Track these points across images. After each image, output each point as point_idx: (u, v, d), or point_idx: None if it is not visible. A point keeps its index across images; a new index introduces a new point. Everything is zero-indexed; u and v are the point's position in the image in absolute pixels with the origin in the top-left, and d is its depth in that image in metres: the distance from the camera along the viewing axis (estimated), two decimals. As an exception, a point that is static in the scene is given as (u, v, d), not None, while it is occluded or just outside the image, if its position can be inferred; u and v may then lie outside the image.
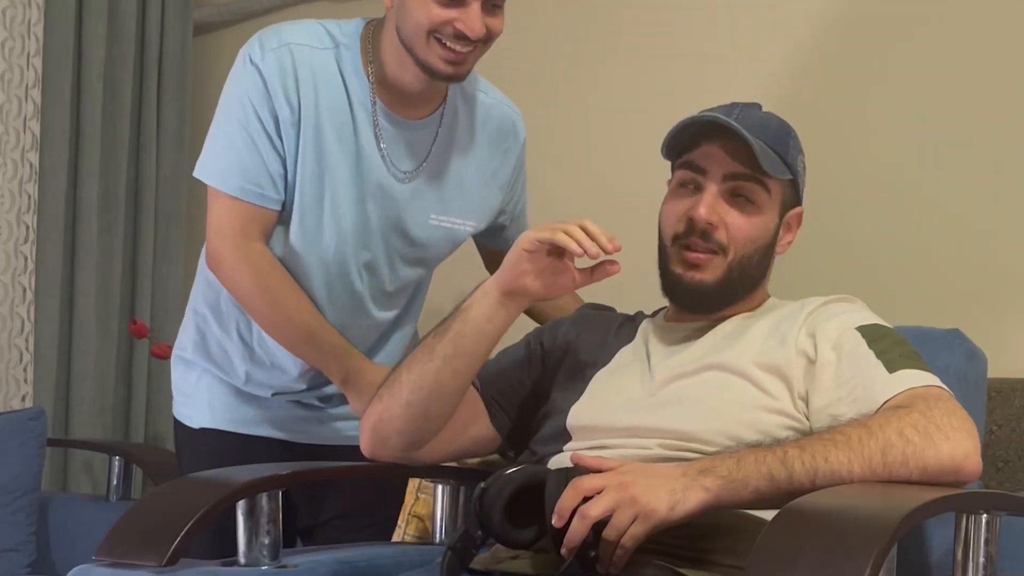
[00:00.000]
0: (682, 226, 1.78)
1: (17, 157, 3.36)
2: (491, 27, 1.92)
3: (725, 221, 1.76)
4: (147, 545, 1.53)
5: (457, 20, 1.88)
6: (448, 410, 1.82)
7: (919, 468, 1.47)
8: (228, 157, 2.00)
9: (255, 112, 1.98)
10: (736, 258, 1.77)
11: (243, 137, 1.98)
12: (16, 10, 3.36)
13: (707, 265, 1.77)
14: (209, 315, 2.17)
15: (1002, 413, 2.23)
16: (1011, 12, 2.41)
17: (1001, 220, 2.40)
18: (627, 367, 1.82)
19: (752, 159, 1.74)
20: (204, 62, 3.87)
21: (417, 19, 1.90)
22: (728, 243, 1.76)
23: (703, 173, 1.77)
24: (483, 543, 1.58)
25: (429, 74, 1.94)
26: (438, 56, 1.91)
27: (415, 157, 2.06)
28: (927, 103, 2.50)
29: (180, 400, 2.26)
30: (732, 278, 1.78)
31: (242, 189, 2.00)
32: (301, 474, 1.72)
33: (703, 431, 1.65)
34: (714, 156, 1.77)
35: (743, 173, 1.76)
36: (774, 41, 2.69)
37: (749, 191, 1.77)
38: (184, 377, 2.24)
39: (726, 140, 1.76)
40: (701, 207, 1.75)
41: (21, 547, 2.94)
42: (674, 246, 1.79)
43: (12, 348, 3.36)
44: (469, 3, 1.88)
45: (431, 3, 1.89)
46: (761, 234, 1.79)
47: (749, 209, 1.77)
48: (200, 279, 2.20)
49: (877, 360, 1.62)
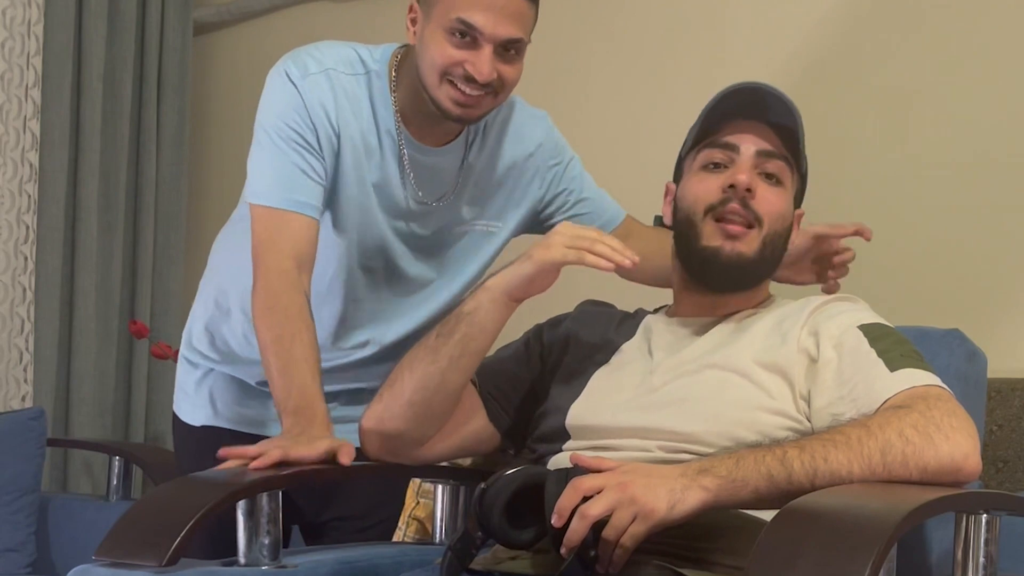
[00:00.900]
0: (717, 196, 1.76)
1: (17, 157, 3.37)
2: (503, 74, 1.91)
3: (758, 193, 1.76)
4: (147, 545, 1.53)
5: (468, 62, 1.88)
6: (450, 407, 1.83)
7: (919, 468, 1.47)
8: (275, 173, 1.97)
9: (297, 130, 1.96)
10: (770, 233, 1.77)
11: (287, 152, 1.96)
12: (16, 10, 3.36)
13: (745, 237, 1.76)
14: (234, 310, 2.14)
15: (1002, 413, 2.23)
16: (1013, 11, 2.41)
17: (1001, 221, 2.40)
18: (628, 365, 1.82)
19: (779, 141, 1.77)
20: (204, 62, 3.88)
21: (432, 58, 1.91)
22: (763, 215, 1.76)
23: (734, 150, 1.78)
24: (483, 543, 1.58)
25: (440, 113, 1.95)
26: (448, 96, 1.92)
27: (441, 186, 2.06)
28: (928, 103, 2.51)
29: (181, 397, 2.26)
30: (764, 256, 1.77)
31: (288, 200, 1.96)
32: (301, 474, 1.72)
33: (702, 432, 1.65)
34: (744, 135, 1.78)
35: (774, 151, 1.78)
36: (774, 40, 2.70)
37: (778, 168, 1.78)
38: (189, 375, 2.24)
39: (755, 123, 1.78)
40: (740, 174, 1.75)
41: (21, 547, 2.94)
42: (708, 218, 1.77)
43: (12, 348, 3.36)
44: (482, 46, 1.87)
45: (446, 43, 1.89)
46: (787, 213, 1.80)
47: (777, 188, 1.78)
48: (224, 277, 2.17)
49: (878, 359, 1.62)
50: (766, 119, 1.77)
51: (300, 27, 3.62)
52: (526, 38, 1.91)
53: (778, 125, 1.78)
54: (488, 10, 1.85)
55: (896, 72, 2.54)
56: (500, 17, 1.86)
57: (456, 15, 1.86)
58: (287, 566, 1.69)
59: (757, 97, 1.78)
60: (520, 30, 1.89)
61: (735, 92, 1.80)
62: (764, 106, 1.78)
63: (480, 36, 1.87)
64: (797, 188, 1.83)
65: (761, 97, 1.78)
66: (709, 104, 1.81)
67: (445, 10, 1.88)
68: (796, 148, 1.80)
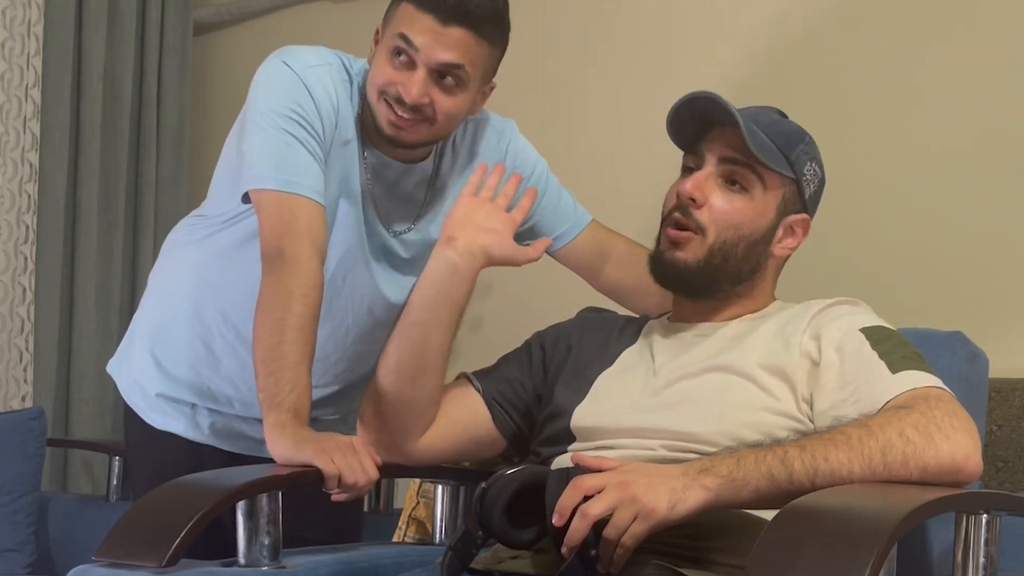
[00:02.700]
0: (673, 202, 1.80)
1: (17, 157, 3.37)
2: (438, 102, 1.89)
3: (709, 201, 1.77)
4: (147, 546, 1.53)
5: (401, 83, 1.88)
6: (438, 371, 1.83)
7: (919, 468, 1.47)
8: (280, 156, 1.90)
9: (303, 115, 1.92)
10: (717, 242, 1.77)
11: (295, 134, 1.91)
12: (16, 10, 3.36)
13: (686, 244, 1.78)
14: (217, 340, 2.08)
15: (1002, 413, 2.23)
16: (1015, 11, 2.41)
17: (1002, 223, 2.40)
18: (631, 369, 1.82)
19: (748, 148, 1.75)
20: (204, 62, 3.88)
21: (373, 75, 1.92)
22: (708, 224, 1.77)
23: (702, 157, 1.80)
24: (484, 543, 1.58)
25: (376, 130, 1.94)
26: (384, 116, 1.91)
27: (408, 212, 2.05)
28: (929, 104, 2.50)
29: (151, 407, 2.16)
30: (714, 263, 1.78)
31: (288, 182, 1.89)
32: (301, 474, 1.72)
33: (706, 432, 1.65)
34: (713, 142, 1.79)
35: (736, 158, 1.77)
36: (774, 40, 2.70)
37: (741, 176, 1.78)
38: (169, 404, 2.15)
39: (728, 129, 1.77)
40: (688, 183, 1.78)
41: (21, 547, 2.94)
42: (665, 223, 1.81)
43: (12, 348, 3.36)
44: (417, 67, 1.87)
45: (386, 63, 1.90)
46: (746, 222, 1.78)
47: (738, 195, 1.78)
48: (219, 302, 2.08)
49: (880, 360, 1.62)
50: (741, 128, 1.75)
51: (300, 27, 3.62)
52: (468, 68, 1.88)
53: (743, 126, 1.74)
54: (428, 32, 1.86)
55: (897, 72, 2.54)
56: (439, 41, 1.86)
57: (399, 30, 1.87)
58: (287, 566, 1.69)
59: (730, 107, 1.76)
60: (459, 57, 1.87)
61: (697, 94, 1.79)
62: (724, 103, 1.76)
63: (416, 55, 1.86)
64: (784, 194, 1.80)
65: (743, 114, 1.77)
66: (682, 99, 1.79)
67: (393, 28, 1.89)
68: (775, 155, 1.77)
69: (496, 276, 2.64)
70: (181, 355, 2.11)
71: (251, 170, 1.90)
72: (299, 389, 1.78)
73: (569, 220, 2.14)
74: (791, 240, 1.83)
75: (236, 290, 2.00)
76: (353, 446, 1.75)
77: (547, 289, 2.52)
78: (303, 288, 1.82)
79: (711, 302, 1.82)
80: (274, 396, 1.77)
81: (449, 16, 1.85)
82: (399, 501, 2.94)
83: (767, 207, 1.80)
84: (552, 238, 2.10)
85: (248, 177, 1.91)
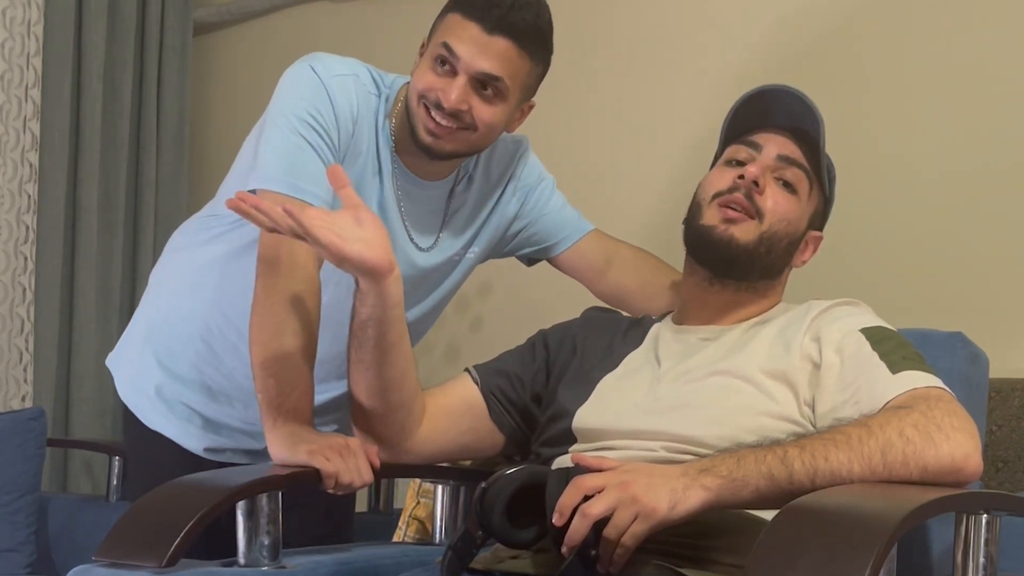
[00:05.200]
0: (727, 184, 1.81)
1: (17, 157, 3.37)
2: (477, 111, 1.90)
3: (769, 191, 1.80)
4: (147, 546, 1.53)
5: (441, 89, 1.89)
6: (404, 388, 1.81)
7: (919, 468, 1.47)
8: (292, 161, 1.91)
9: (322, 123, 1.92)
10: (769, 231, 1.79)
11: (310, 140, 1.91)
12: (16, 10, 3.36)
13: (742, 223, 1.79)
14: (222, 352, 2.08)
15: (1002, 413, 2.23)
16: (1018, 10, 2.41)
17: (1003, 223, 2.40)
18: (636, 372, 1.82)
19: (813, 154, 1.81)
20: (204, 62, 3.88)
21: (415, 82, 1.93)
22: (767, 211, 1.79)
23: (758, 149, 1.83)
24: (484, 543, 1.58)
25: (415, 141, 1.94)
26: (421, 122, 1.92)
27: (432, 223, 2.06)
28: (930, 104, 2.50)
29: (148, 406, 2.17)
30: (760, 251, 1.79)
31: (295, 187, 1.88)
32: (300, 474, 1.72)
33: (707, 436, 1.65)
34: (772, 139, 1.83)
35: (795, 160, 1.82)
36: (775, 39, 2.70)
37: (796, 178, 1.82)
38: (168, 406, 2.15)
39: (786, 133, 1.83)
40: (753, 167, 1.80)
41: (21, 547, 2.94)
42: (713, 202, 1.81)
43: (12, 348, 3.36)
44: (458, 74, 1.88)
45: (429, 71, 1.91)
46: (795, 218, 1.82)
47: (791, 194, 1.82)
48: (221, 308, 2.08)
49: (880, 361, 1.62)
50: (797, 135, 1.81)
51: (300, 27, 3.63)
52: (507, 80, 1.90)
53: (803, 133, 1.81)
54: (471, 42, 1.87)
55: (899, 72, 2.54)
56: (482, 50, 1.87)
57: (444, 39, 1.89)
58: (287, 566, 1.69)
59: (787, 103, 1.82)
60: (500, 69, 1.88)
61: (765, 93, 1.84)
62: (793, 114, 1.82)
63: (457, 63, 1.88)
64: (817, 208, 1.85)
65: (787, 104, 1.82)
66: (740, 99, 1.85)
67: (438, 38, 1.91)
68: (819, 164, 1.83)
69: (497, 276, 2.65)
70: (182, 353, 2.11)
71: (261, 169, 1.91)
72: (300, 390, 1.79)
73: (570, 227, 2.19)
74: (807, 253, 1.88)
75: (242, 292, 2.00)
76: (350, 447, 1.76)
77: (548, 289, 2.52)
78: (302, 290, 1.82)
79: (727, 294, 1.83)
80: (273, 398, 1.78)
81: (494, 26, 1.87)
82: (399, 501, 2.94)
83: (804, 215, 1.84)
84: (553, 243, 2.16)
85: (257, 175, 1.91)
